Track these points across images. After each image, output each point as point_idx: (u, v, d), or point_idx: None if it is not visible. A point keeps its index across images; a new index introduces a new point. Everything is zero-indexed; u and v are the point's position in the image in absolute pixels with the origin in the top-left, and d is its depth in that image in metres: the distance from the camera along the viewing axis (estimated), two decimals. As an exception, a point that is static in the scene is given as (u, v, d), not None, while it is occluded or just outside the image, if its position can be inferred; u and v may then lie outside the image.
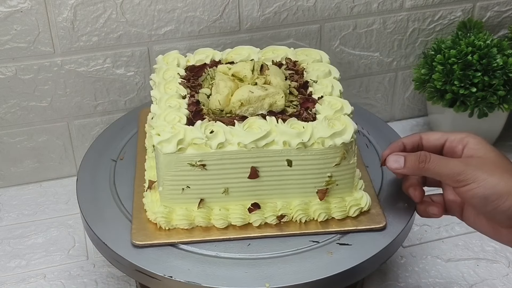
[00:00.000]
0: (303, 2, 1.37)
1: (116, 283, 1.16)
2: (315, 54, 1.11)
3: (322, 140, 0.92)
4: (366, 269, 0.94)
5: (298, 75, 1.05)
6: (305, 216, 0.97)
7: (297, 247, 0.94)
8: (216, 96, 0.98)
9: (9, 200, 1.36)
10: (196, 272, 0.90)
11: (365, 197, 0.98)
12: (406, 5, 1.44)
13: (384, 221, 0.97)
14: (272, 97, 0.97)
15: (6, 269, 1.19)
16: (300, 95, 1.01)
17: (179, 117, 0.96)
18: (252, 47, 1.13)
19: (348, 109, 0.97)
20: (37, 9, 1.23)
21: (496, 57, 1.33)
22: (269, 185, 0.96)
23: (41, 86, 1.30)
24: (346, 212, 0.98)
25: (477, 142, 0.93)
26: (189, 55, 1.14)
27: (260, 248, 0.94)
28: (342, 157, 0.93)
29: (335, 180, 0.96)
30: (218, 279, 0.89)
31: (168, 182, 0.95)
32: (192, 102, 1.00)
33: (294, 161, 0.93)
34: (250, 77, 1.01)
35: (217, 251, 0.94)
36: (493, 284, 1.15)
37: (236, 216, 0.96)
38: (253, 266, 0.91)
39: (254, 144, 0.91)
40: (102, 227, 0.98)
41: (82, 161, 1.13)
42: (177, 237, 0.95)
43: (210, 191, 0.96)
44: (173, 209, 0.97)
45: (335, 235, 0.96)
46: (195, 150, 0.92)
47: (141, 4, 1.28)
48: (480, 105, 1.34)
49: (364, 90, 1.53)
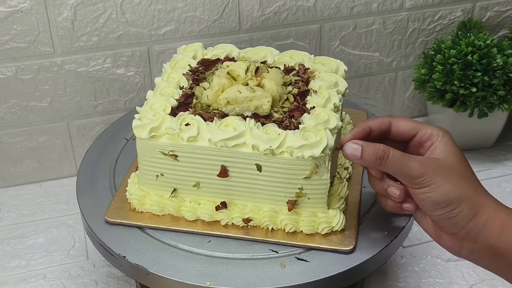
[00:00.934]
0: (303, 2, 1.37)
1: (116, 283, 1.16)
2: (333, 64, 1.09)
3: (291, 150, 0.90)
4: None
5: (303, 83, 1.03)
6: (272, 224, 0.96)
7: (254, 253, 0.94)
8: (207, 91, 1.00)
9: (9, 200, 1.36)
10: (149, 257, 0.93)
11: (338, 217, 0.95)
12: (406, 5, 1.44)
13: (352, 245, 0.93)
14: (259, 100, 0.96)
15: (6, 269, 1.19)
16: (295, 102, 0.99)
17: (164, 105, 0.98)
18: (273, 49, 1.12)
19: (333, 124, 0.94)
20: (37, 9, 1.23)
21: (496, 57, 1.33)
22: (239, 186, 0.96)
23: (41, 86, 1.30)
24: (315, 228, 0.95)
25: (443, 142, 0.89)
26: (208, 49, 1.14)
27: (218, 247, 0.95)
28: (313, 171, 0.92)
29: (306, 193, 0.94)
30: (164, 268, 0.91)
31: (144, 167, 0.98)
32: (187, 93, 1.02)
33: (263, 166, 0.93)
34: (243, 77, 1.02)
35: (177, 241, 0.96)
36: (493, 284, 1.15)
37: (204, 212, 0.97)
38: (203, 263, 0.92)
39: (223, 143, 0.92)
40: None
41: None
42: (146, 221, 0.98)
43: (182, 182, 0.98)
44: (148, 194, 1.00)
45: (297, 249, 0.94)
46: (168, 140, 0.94)
47: (141, 4, 1.28)
48: (480, 105, 1.34)
49: (364, 90, 1.53)
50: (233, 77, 1.02)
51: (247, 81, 1.00)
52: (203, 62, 1.11)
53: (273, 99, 0.98)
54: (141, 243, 0.95)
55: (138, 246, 0.95)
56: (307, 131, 0.92)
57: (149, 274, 0.91)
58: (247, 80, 1.01)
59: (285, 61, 1.10)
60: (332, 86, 1.02)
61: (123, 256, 0.93)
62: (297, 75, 1.06)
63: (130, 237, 0.96)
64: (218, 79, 1.00)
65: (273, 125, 0.94)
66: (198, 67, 1.09)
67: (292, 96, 1.00)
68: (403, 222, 0.98)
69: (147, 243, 0.95)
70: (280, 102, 0.99)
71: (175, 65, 1.09)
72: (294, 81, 1.04)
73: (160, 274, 0.90)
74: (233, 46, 1.14)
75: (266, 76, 1.01)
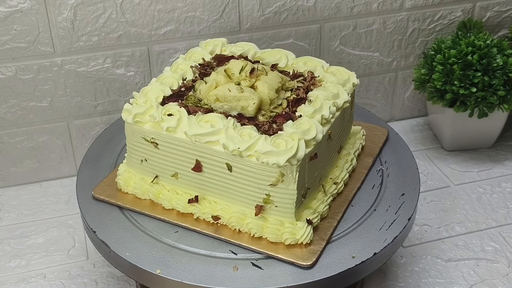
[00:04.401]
0: (303, 2, 1.37)
1: (116, 283, 1.16)
2: (344, 75, 1.07)
3: (257, 154, 0.90)
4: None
5: (304, 90, 1.02)
6: (239, 226, 0.96)
7: (213, 251, 0.94)
8: (201, 86, 1.01)
9: (9, 200, 1.36)
10: (116, 236, 0.97)
11: (304, 230, 0.94)
12: (406, 5, 1.44)
13: (311, 261, 0.92)
14: (246, 100, 0.97)
15: (6, 269, 1.19)
16: (287, 108, 0.99)
17: (158, 94, 1.01)
18: (290, 53, 1.12)
19: (312, 135, 0.92)
20: (37, 9, 1.23)
21: (496, 57, 1.33)
22: (212, 182, 0.97)
23: (41, 86, 1.30)
24: (279, 237, 0.94)
25: None
26: (228, 45, 1.15)
27: (181, 239, 0.96)
28: (278, 179, 0.91)
29: (273, 200, 0.93)
30: (123, 249, 0.95)
31: (130, 150, 1.02)
32: (186, 86, 1.03)
33: (233, 167, 0.93)
34: (237, 76, 1.02)
35: (147, 226, 0.99)
36: (493, 284, 1.15)
37: (178, 202, 0.99)
38: (160, 251, 0.94)
39: (197, 138, 0.93)
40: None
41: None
42: (126, 202, 1.02)
43: (162, 170, 1.00)
44: (134, 176, 1.03)
45: (257, 255, 0.94)
46: (150, 127, 0.97)
47: (141, 4, 1.28)
48: (480, 105, 1.34)
49: (364, 90, 1.53)
50: (229, 75, 1.02)
51: (240, 80, 1.01)
52: (217, 58, 1.11)
53: (262, 102, 0.98)
54: (114, 222, 0.99)
55: (109, 223, 0.99)
56: (280, 138, 0.91)
57: (111, 252, 0.95)
58: (240, 79, 1.01)
59: (297, 66, 1.09)
60: (331, 97, 1.00)
61: (93, 230, 0.98)
62: (302, 82, 1.05)
63: (107, 214, 1.01)
64: (215, 75, 1.01)
65: (251, 128, 0.94)
66: (211, 62, 1.10)
67: (286, 102, 1.00)
68: (376, 249, 0.95)
69: (120, 223, 0.99)
70: (271, 106, 0.99)
71: (190, 57, 1.11)
72: (296, 87, 1.03)
73: (119, 254, 0.94)
74: (253, 45, 1.14)
75: (262, 79, 1.00)
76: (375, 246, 0.95)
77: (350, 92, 1.05)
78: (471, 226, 1.28)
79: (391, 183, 1.08)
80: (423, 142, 1.53)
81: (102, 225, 0.99)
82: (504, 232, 1.27)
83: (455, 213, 1.31)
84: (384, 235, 0.96)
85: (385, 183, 1.08)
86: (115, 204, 1.02)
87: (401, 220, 0.99)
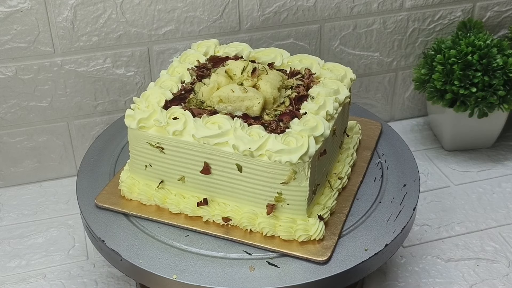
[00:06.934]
0: (303, 2, 1.37)
1: (116, 283, 1.16)
2: (341, 71, 1.08)
3: (269, 153, 0.90)
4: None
5: (304, 88, 1.03)
6: (250, 226, 0.96)
7: (227, 252, 0.94)
8: (202, 88, 1.00)
9: (9, 200, 1.36)
10: (126, 244, 0.95)
11: (317, 226, 0.94)
12: (406, 5, 1.44)
13: (327, 256, 0.92)
14: (250, 100, 0.96)
15: (6, 269, 1.19)
16: (290, 106, 0.99)
17: (160, 98, 0.99)
18: (284, 51, 1.12)
19: (320, 131, 0.93)
20: (37, 9, 1.23)
21: (496, 57, 1.33)
22: (221, 184, 0.96)
23: (41, 86, 1.30)
24: (292, 234, 0.95)
25: None
26: (221, 46, 1.15)
27: (194, 242, 0.96)
28: (291, 177, 0.91)
29: (285, 198, 0.94)
30: (137, 256, 0.93)
31: (134, 156, 1.00)
32: (186, 88, 1.02)
33: (244, 167, 0.93)
34: (239, 77, 1.02)
35: (156, 232, 0.97)
36: (493, 284, 1.15)
37: (186, 206, 0.98)
38: (174, 256, 0.93)
39: (206, 140, 0.93)
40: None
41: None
42: (132, 208, 1.01)
43: (168, 175, 0.99)
44: (137, 183, 1.02)
45: (271, 253, 0.94)
46: (155, 131, 0.96)
47: (141, 4, 1.28)
48: (480, 105, 1.34)
49: (364, 90, 1.53)
50: (230, 76, 1.02)
51: (242, 81, 1.01)
52: (212, 59, 1.11)
53: (266, 101, 0.97)
54: (122, 230, 0.98)
55: (117, 231, 0.97)
56: (290, 136, 0.91)
57: (122, 260, 0.93)
58: (243, 80, 1.01)
59: (293, 64, 1.09)
60: (332, 93, 1.01)
61: (102, 240, 0.96)
62: (301, 79, 1.05)
63: (113, 223, 0.99)
64: (216, 76, 1.01)
65: (258, 127, 0.94)
66: (207, 64, 1.09)
67: (288, 100, 1.00)
68: (387, 240, 0.96)
69: (128, 231, 0.98)
70: (274, 105, 0.99)
71: (184, 59, 1.10)
72: (295, 85, 1.04)
73: (132, 261, 0.92)
74: (246, 45, 1.14)
75: (263, 78, 1.01)
76: (386, 238, 0.96)
77: (349, 87, 1.05)
78: (471, 226, 1.28)
79: (392, 175, 1.09)
80: (423, 142, 1.53)
81: (110, 234, 0.97)
82: (504, 232, 1.27)
83: (455, 213, 1.31)
84: (393, 226, 0.98)
85: (386, 176, 1.09)
86: (120, 211, 1.00)
87: (406, 210, 1.00)
